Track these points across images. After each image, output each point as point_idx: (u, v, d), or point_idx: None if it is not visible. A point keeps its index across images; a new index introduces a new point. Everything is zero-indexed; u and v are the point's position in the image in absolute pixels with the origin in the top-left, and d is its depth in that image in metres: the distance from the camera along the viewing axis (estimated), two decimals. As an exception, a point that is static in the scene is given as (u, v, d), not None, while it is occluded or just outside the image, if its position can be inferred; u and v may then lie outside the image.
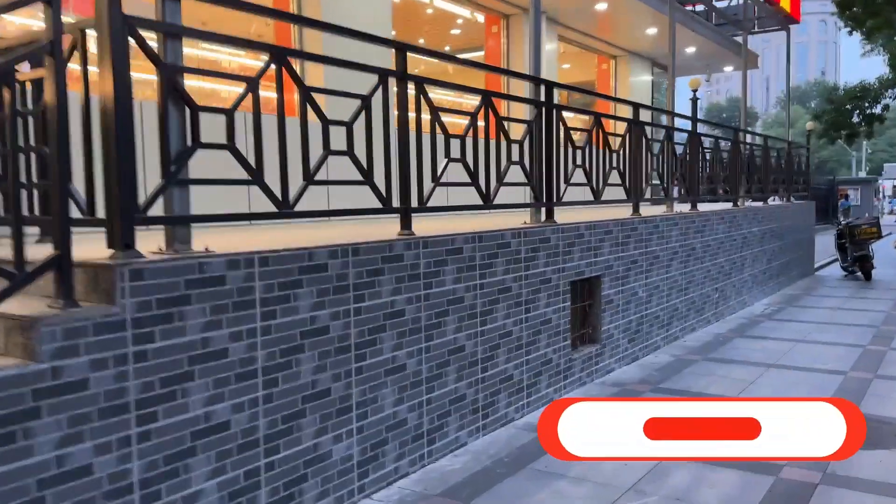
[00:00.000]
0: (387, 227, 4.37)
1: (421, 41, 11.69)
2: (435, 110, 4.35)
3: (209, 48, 7.45)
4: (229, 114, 3.05)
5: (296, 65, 5.11)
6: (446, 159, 4.49)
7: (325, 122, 3.54)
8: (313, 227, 5.64)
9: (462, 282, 4.50)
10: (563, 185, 5.89)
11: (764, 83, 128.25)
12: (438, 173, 4.44)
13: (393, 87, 4.00)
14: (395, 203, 4.11)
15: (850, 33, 23.10)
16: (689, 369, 6.54)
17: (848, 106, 21.01)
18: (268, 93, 3.40)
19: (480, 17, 10.45)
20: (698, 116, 14.54)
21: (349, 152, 3.70)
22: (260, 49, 3.58)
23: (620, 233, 6.65)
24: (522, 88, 10.44)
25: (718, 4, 14.64)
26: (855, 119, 21.08)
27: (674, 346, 7.61)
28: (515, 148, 5.28)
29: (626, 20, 11.39)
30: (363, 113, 3.77)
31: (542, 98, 5.65)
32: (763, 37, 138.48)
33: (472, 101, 5.14)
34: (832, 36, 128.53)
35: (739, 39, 13.83)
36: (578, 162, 6.12)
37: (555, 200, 5.76)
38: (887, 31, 19.40)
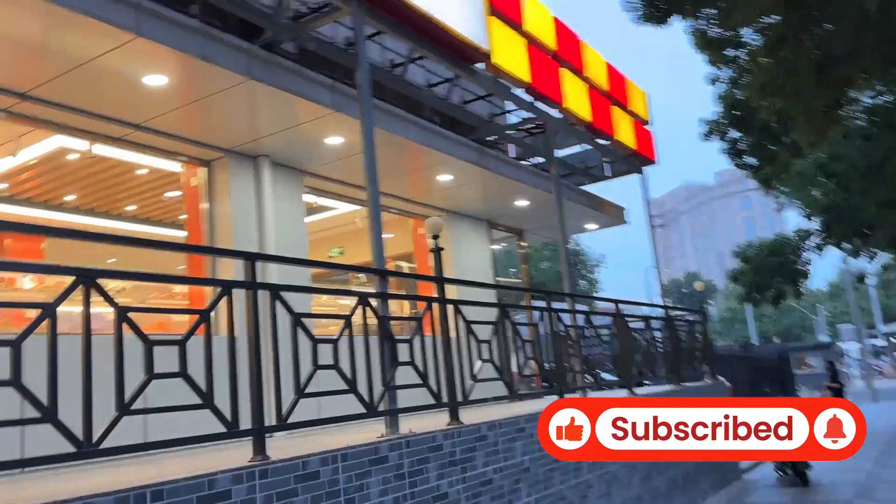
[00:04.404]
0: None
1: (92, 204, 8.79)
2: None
3: None
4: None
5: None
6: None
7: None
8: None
9: None
10: None
11: (718, 258, 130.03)
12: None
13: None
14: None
15: (760, 188, 21.16)
16: None
17: (767, 264, 18.35)
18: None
19: (174, 168, 7.52)
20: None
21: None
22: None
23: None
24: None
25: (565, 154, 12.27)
26: (777, 277, 18.32)
27: None
28: None
29: (400, 167, 8.71)
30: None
31: None
32: (710, 213, 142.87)
33: None
34: (778, 209, 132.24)
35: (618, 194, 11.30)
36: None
37: None
38: (785, 176, 17.25)
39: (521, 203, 10.74)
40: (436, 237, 5.85)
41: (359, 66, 5.46)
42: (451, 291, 10.04)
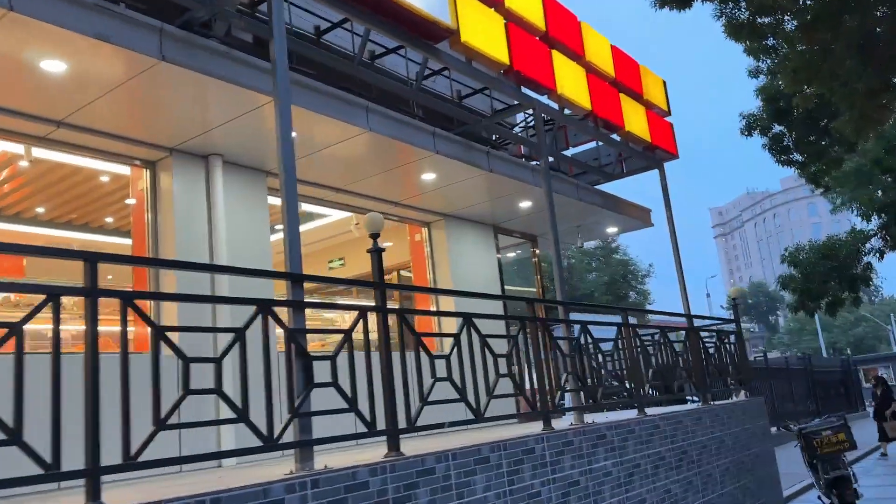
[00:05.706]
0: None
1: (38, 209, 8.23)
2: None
3: None
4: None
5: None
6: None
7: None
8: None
9: None
10: None
11: (785, 266, 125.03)
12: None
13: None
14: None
15: (816, 190, 19.70)
16: None
17: (819, 269, 16.78)
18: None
19: (124, 171, 6.88)
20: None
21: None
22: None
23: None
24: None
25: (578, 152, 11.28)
26: (831, 284, 16.71)
27: None
28: None
29: (377, 164, 7.94)
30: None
31: None
32: (776, 221, 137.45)
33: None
34: (846, 213, 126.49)
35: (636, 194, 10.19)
36: None
37: None
38: (837, 173, 15.79)
39: (525, 205, 9.81)
40: (375, 236, 5.03)
41: (274, 35, 4.71)
42: (458, 302, 9.19)
